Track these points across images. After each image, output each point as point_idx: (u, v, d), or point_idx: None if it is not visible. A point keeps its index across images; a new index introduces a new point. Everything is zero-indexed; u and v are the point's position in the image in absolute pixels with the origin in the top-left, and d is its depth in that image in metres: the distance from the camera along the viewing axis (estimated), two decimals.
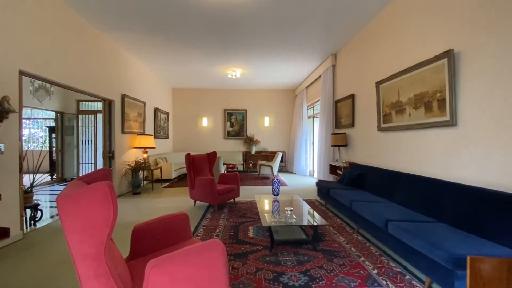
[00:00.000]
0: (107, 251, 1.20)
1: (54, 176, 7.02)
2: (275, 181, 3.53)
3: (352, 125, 4.86)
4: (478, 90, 2.30)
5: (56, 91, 6.55)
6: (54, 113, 6.97)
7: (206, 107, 9.41)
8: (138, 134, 5.97)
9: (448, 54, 2.53)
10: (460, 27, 2.47)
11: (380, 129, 3.86)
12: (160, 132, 7.81)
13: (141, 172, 5.95)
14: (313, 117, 8.17)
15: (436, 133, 2.78)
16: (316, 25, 4.30)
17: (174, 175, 6.85)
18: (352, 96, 4.84)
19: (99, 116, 7.10)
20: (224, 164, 7.18)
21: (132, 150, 5.86)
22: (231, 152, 9.15)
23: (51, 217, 3.80)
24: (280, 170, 9.18)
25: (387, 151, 3.75)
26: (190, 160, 4.28)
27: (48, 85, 5.30)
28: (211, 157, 4.71)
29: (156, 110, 7.36)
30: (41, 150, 5.95)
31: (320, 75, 6.42)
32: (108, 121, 5.10)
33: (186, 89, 9.34)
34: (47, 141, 7.69)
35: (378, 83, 3.84)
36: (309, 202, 4.60)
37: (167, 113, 8.49)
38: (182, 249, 1.37)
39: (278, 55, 5.84)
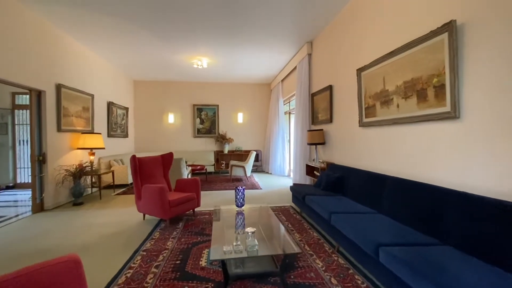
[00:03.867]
0: None
1: None
2: (238, 189, 2.85)
3: (330, 120, 4.30)
4: (487, 73, 1.77)
5: None
6: None
7: (172, 101, 8.49)
8: (82, 133, 5.01)
9: (449, 27, 1.99)
10: None
11: (362, 124, 3.31)
12: (116, 130, 6.81)
13: (87, 177, 5.02)
14: (290, 113, 7.61)
15: (432, 128, 2.25)
16: (289, 4, 3.66)
17: (131, 179, 5.94)
18: (329, 88, 4.28)
19: None
20: (189, 166, 6.37)
21: (75, 152, 4.89)
22: (201, 151, 8.35)
23: None
24: (255, 170, 8.54)
25: (371, 150, 3.21)
26: (136, 163, 3.47)
27: None
28: (166, 159, 3.92)
29: (110, 105, 6.36)
30: None
31: (296, 66, 5.83)
32: (37, 116, 4.13)
33: (150, 82, 8.35)
34: None
35: (360, 71, 3.29)
36: (283, 210, 3.99)
37: (126, 108, 7.47)
38: None
39: (249, 42, 5.14)
